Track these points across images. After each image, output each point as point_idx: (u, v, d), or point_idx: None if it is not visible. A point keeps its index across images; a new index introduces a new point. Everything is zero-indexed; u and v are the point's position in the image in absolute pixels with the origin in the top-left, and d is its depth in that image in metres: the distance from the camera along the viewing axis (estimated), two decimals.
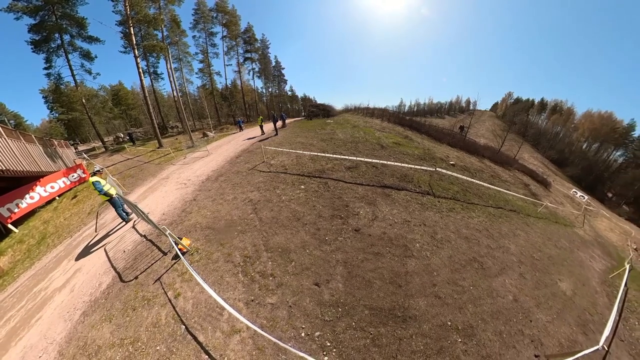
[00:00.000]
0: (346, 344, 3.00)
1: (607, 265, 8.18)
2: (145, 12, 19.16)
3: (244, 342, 2.97)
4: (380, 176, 7.54)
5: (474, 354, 3.13)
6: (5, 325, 3.95)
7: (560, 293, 5.02)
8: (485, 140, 30.19)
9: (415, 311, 3.49)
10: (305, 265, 4.08)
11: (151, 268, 4.31)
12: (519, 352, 3.35)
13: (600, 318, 4.79)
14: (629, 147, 47.44)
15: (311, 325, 3.19)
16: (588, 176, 43.28)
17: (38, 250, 6.50)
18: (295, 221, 5.20)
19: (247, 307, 3.37)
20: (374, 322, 3.27)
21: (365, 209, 5.73)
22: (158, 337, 3.13)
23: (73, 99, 21.43)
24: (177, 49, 29.52)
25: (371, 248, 4.53)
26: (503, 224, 6.97)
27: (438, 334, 3.26)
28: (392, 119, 21.26)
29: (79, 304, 3.96)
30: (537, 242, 6.78)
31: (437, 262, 4.49)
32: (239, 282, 3.80)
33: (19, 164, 8.65)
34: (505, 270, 4.91)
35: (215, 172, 8.72)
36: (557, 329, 4.03)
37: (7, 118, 36.08)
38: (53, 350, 3.29)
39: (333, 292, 3.64)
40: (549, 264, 5.94)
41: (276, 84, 47.97)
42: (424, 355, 3.00)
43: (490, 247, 5.45)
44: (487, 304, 3.92)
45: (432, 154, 12.15)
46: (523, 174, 19.04)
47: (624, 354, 4.15)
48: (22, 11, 17.23)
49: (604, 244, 11.29)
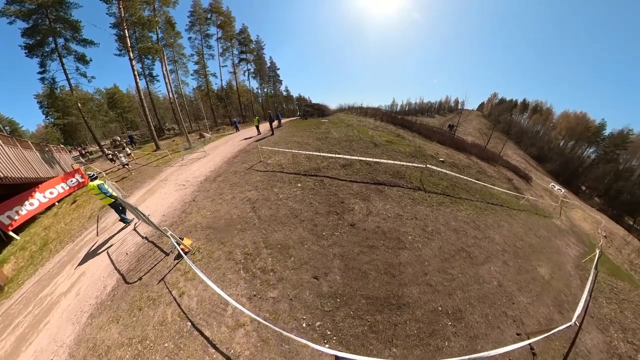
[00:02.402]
0: (345, 332, 3.17)
1: (580, 251, 8.70)
2: (140, 14, 18.98)
3: (248, 335, 3.12)
4: (373, 173, 7.75)
5: (463, 335, 3.36)
6: (15, 331, 4.00)
7: (539, 277, 5.36)
8: (472, 138, 31.15)
9: (409, 299, 3.69)
10: (304, 260, 4.24)
11: (154, 269, 4.42)
12: (502, 332, 3.62)
13: (573, 298, 5.14)
14: (600, 144, 51.39)
15: (312, 316, 3.35)
16: (565, 171, 46.90)
17: (41, 256, 6.56)
18: (293, 218, 5.35)
19: (250, 302, 3.51)
20: (370, 311, 3.45)
21: (360, 205, 5.91)
22: (165, 335, 3.24)
23: (68, 103, 21.20)
24: (172, 50, 29.37)
25: (366, 241, 4.72)
26: (488, 216, 7.29)
27: (430, 318, 3.48)
28: (385, 118, 21.53)
29: (85, 307, 4.04)
30: (519, 232, 7.15)
31: (428, 252, 4.71)
32: (240, 279, 3.94)
33: (16, 171, 8.67)
34: (490, 258, 5.21)
35: (214, 173, 8.82)
36: (537, 309, 4.33)
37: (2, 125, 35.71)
38: (64, 352, 3.37)
39: (331, 284, 3.82)
40: (529, 252, 6.28)
41: (271, 85, 47.88)
42: (417, 339, 3.20)
43: (476, 237, 5.75)
44: (474, 289, 4.18)
45: (423, 151, 12.45)
46: (507, 169, 19.85)
47: (593, 328, 4.54)
48: (15, 15, 17.05)
49: (578, 233, 11.97)
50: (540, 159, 49.70)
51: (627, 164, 45.54)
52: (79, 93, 21.14)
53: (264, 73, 44.13)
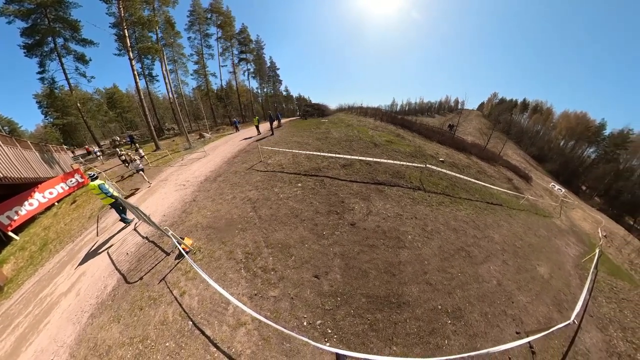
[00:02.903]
0: (346, 330, 3.19)
1: (580, 251, 8.70)
2: (140, 14, 18.97)
3: (249, 334, 3.13)
4: (373, 173, 7.77)
5: (463, 334, 3.38)
6: (14, 331, 3.98)
7: (538, 277, 5.37)
8: (472, 138, 31.21)
9: (409, 297, 3.72)
10: (304, 259, 4.27)
11: (155, 269, 4.43)
12: (502, 330, 3.64)
13: (573, 297, 5.16)
14: (600, 144, 51.56)
15: (312, 314, 3.37)
16: (565, 171, 47.04)
17: (40, 256, 6.54)
18: (293, 218, 5.37)
19: (251, 301, 3.53)
20: (370, 309, 3.48)
21: (360, 205, 5.94)
22: (167, 334, 3.25)
23: (68, 103, 21.20)
24: (172, 50, 29.34)
25: (366, 241, 4.75)
26: (488, 215, 7.31)
27: (430, 317, 3.50)
28: (385, 118, 21.57)
29: (86, 307, 4.03)
30: (519, 231, 7.17)
31: (428, 251, 4.73)
32: (242, 278, 3.96)
33: (16, 171, 8.65)
34: (490, 257, 5.22)
35: (214, 173, 8.83)
36: (536, 308, 4.35)
37: (1, 124, 35.63)
38: (64, 352, 3.36)
39: (332, 282, 3.84)
40: (529, 251, 6.30)
41: (271, 84, 47.90)
42: (417, 337, 3.22)
43: (476, 237, 5.77)
44: (473, 288, 4.19)
45: (423, 151, 12.47)
46: (507, 169, 19.91)
47: (593, 327, 4.55)
48: (14, 15, 17.04)
49: (578, 232, 11.96)
50: (541, 159, 49.85)
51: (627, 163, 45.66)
52: (79, 93, 21.12)
53: (263, 73, 44.14)
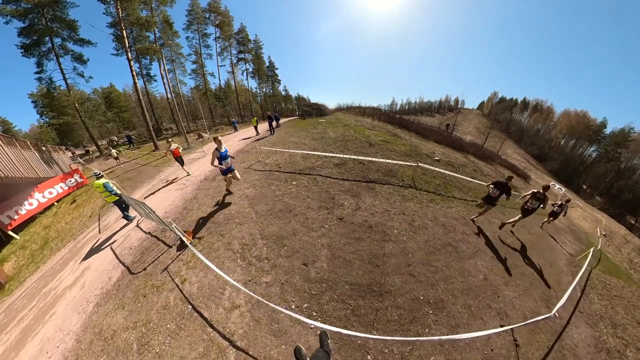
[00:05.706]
0: (329, 314, 3.45)
1: (577, 249, 8.75)
2: (138, 14, 19.08)
3: (242, 316, 3.42)
4: (366, 171, 7.97)
5: (444, 324, 3.51)
6: (19, 323, 4.12)
7: (528, 273, 5.34)
8: (471, 137, 31.09)
9: (391, 287, 3.92)
10: (295, 249, 4.55)
11: (158, 260, 4.69)
12: (485, 323, 3.71)
13: (562, 294, 5.18)
14: (601, 143, 51.24)
15: (300, 298, 3.66)
16: (565, 170, 46.71)
17: (42, 254, 6.64)
18: (287, 212, 5.64)
19: (246, 286, 3.80)
20: (353, 296, 3.72)
21: (350, 201, 6.17)
22: (168, 317, 3.51)
23: (65, 103, 21.22)
24: (170, 50, 29.40)
25: (353, 234, 4.98)
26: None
27: (411, 306, 3.65)
28: (383, 118, 21.77)
29: (91, 298, 4.22)
30: (512, 228, 7.14)
31: (413, 245, 4.91)
32: (237, 266, 4.25)
33: (16, 171, 8.80)
34: (478, 253, 5.21)
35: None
36: (523, 303, 4.37)
37: None
38: (70, 339, 3.53)
39: (318, 270, 4.11)
40: (520, 248, 6.30)
41: (270, 84, 48.02)
42: (398, 324, 3.40)
43: (465, 233, 5.78)
44: (458, 282, 4.25)
45: (419, 150, 12.62)
46: (505, 168, 20.01)
47: (582, 323, 4.62)
48: (11, 14, 17.05)
49: (575, 231, 12.07)
50: (541, 158, 49.03)
51: (628, 162, 45.10)
52: (77, 93, 21.16)
53: (262, 72, 44.27)
